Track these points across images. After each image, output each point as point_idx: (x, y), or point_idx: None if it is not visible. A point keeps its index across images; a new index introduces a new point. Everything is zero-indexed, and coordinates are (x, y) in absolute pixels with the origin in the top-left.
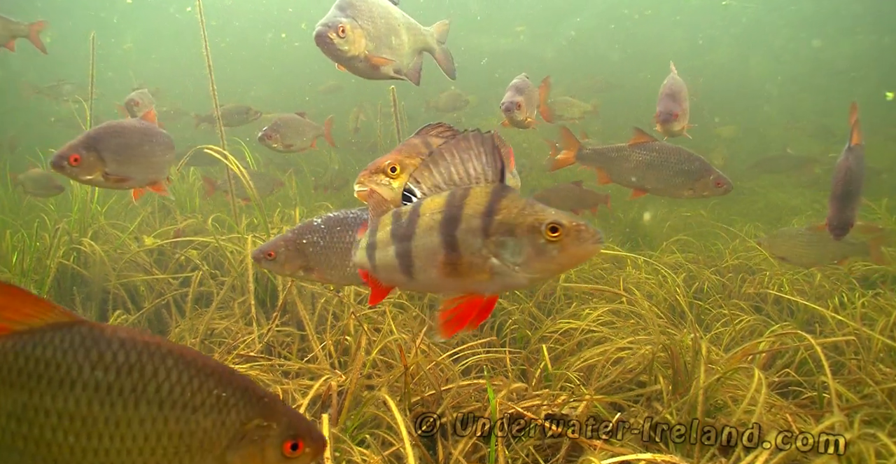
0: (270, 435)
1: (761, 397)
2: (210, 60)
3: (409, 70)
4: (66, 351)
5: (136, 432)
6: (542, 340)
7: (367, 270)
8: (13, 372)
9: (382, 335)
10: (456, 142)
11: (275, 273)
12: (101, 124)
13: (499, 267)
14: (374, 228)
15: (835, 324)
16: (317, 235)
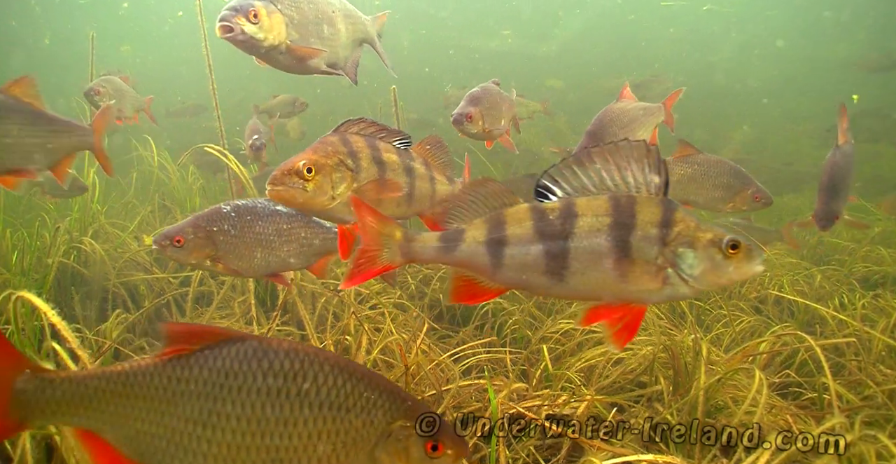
0: (414, 435)
1: (762, 397)
2: (210, 60)
3: (347, 65)
4: (241, 362)
5: (300, 431)
6: (542, 341)
7: (475, 267)
8: (199, 383)
9: (383, 335)
10: (613, 148)
11: (178, 262)
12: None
13: (673, 277)
14: (497, 222)
15: (835, 325)
16: (227, 224)
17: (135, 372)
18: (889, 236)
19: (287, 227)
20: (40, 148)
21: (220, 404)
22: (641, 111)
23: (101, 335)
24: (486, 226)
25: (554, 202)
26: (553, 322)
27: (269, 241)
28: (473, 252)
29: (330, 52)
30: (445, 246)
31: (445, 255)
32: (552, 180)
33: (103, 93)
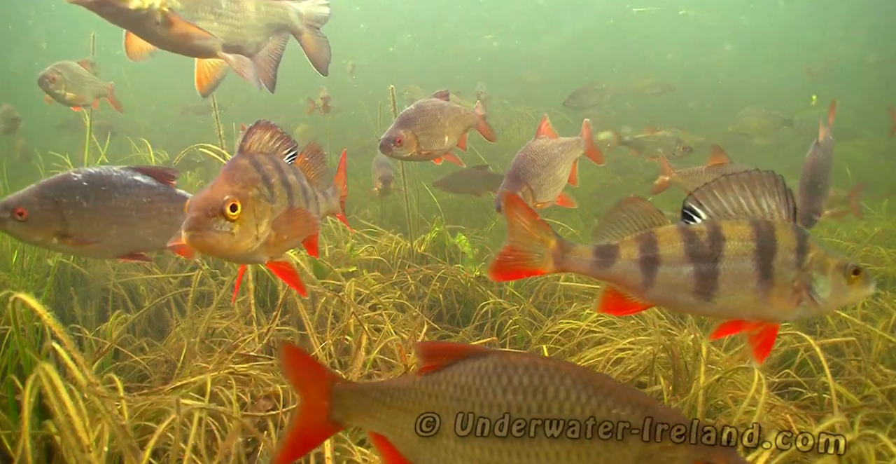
0: (678, 457)
1: (761, 397)
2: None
3: (259, 56)
4: (482, 378)
5: (540, 451)
6: (542, 341)
7: (626, 283)
8: (445, 399)
9: (383, 335)
10: (748, 176)
11: (22, 239)
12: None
13: (806, 299)
14: (650, 241)
15: (835, 325)
16: (79, 194)
17: (398, 388)
18: (889, 236)
19: (147, 201)
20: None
21: (465, 421)
22: (560, 148)
23: (101, 335)
24: (638, 244)
25: (700, 225)
26: (553, 322)
27: (126, 216)
28: (627, 269)
29: (228, 33)
30: (600, 261)
31: (600, 269)
32: (697, 203)
33: (58, 80)
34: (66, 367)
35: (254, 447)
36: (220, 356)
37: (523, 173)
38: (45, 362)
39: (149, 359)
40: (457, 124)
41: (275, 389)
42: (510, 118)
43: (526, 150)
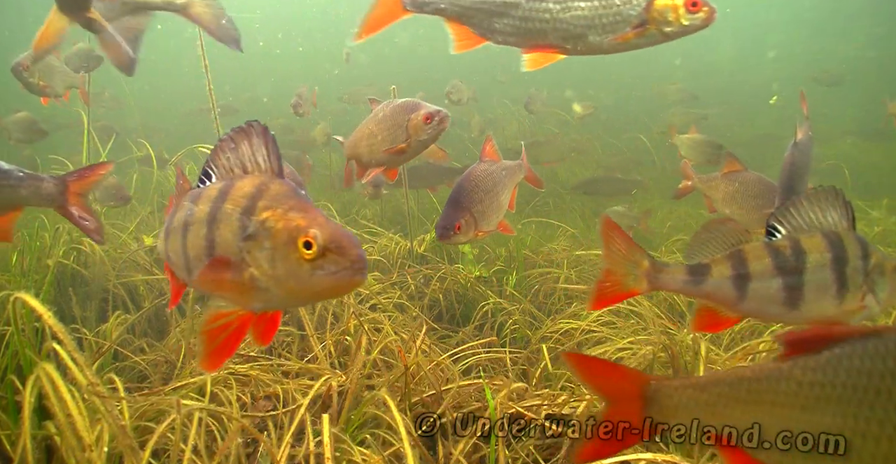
0: None
1: None
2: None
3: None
4: (884, 360)
5: None
6: (542, 340)
7: (719, 299)
8: (837, 387)
9: (383, 335)
10: (815, 193)
11: None
12: None
13: (870, 300)
14: (740, 259)
15: None
16: None
17: (759, 378)
18: (889, 236)
19: None
20: None
21: (869, 410)
22: (504, 172)
23: (101, 336)
24: (729, 262)
25: (782, 240)
26: (553, 322)
27: None
28: (720, 286)
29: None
30: (693, 279)
31: (693, 287)
32: (778, 221)
33: (31, 69)
34: (67, 367)
35: (254, 448)
36: None
37: (467, 200)
38: (45, 362)
39: (149, 359)
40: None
41: (275, 389)
42: (509, 118)
43: (469, 174)
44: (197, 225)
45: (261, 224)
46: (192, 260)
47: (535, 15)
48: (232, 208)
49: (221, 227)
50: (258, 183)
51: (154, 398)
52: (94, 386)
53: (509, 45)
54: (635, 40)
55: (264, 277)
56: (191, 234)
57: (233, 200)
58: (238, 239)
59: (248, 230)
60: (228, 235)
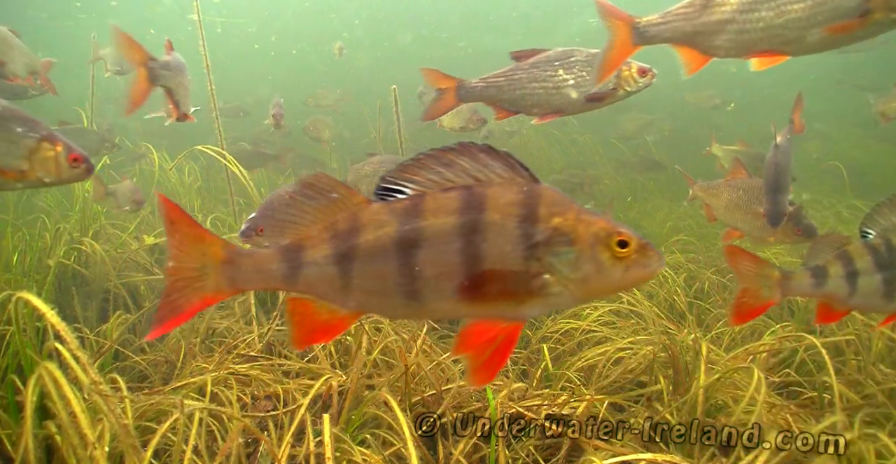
0: None
1: (761, 396)
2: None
3: None
4: None
5: None
6: (542, 340)
7: (834, 296)
8: None
9: (383, 335)
10: (893, 196)
11: None
12: None
13: None
14: (848, 259)
15: (835, 324)
16: None
17: None
18: None
19: None
20: None
21: None
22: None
23: (102, 336)
24: (840, 262)
25: (875, 239)
26: (553, 322)
27: None
28: (836, 284)
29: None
30: (816, 281)
31: (817, 289)
32: (868, 225)
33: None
34: (69, 366)
35: (254, 448)
36: (221, 356)
37: (272, 209)
38: (47, 362)
39: (149, 359)
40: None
41: (275, 389)
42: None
43: (273, 198)
44: (438, 240)
45: (554, 230)
46: (426, 280)
47: (749, 26)
48: (502, 218)
49: (490, 238)
50: (520, 190)
51: (157, 398)
52: (97, 385)
53: (731, 57)
54: (859, 31)
55: (562, 280)
56: (424, 251)
57: (498, 210)
58: (521, 248)
59: (536, 237)
60: (506, 245)
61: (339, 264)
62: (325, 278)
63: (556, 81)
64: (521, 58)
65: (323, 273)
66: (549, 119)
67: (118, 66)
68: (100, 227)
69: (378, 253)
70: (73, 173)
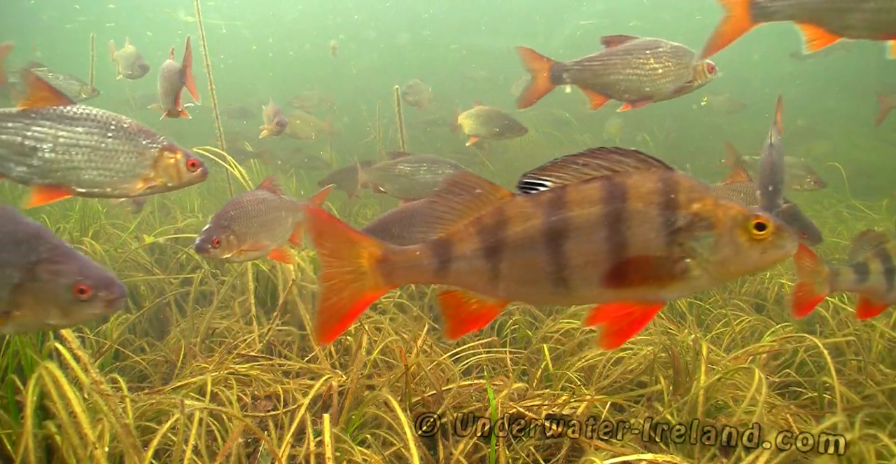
0: None
1: (762, 397)
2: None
3: None
4: None
5: None
6: (543, 340)
7: (876, 293)
8: None
9: (383, 335)
10: None
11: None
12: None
13: None
14: (885, 255)
15: (835, 324)
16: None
17: None
18: None
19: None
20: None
21: None
22: (280, 205)
23: (102, 336)
24: (878, 259)
25: None
26: (553, 322)
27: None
28: (878, 281)
29: None
30: (859, 277)
31: (859, 284)
32: None
33: None
34: (69, 366)
35: (254, 448)
36: (221, 356)
37: (228, 219)
38: (47, 361)
39: (149, 359)
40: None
41: (275, 389)
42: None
43: (240, 198)
44: (584, 229)
45: (694, 215)
46: (574, 268)
47: (890, 4)
48: (645, 206)
49: (634, 225)
50: (658, 179)
51: (157, 397)
52: (98, 385)
53: (863, 38)
54: None
55: (702, 264)
56: (571, 241)
57: (640, 198)
58: (664, 234)
59: (678, 223)
60: (649, 232)
61: (488, 257)
62: (474, 271)
63: (646, 69)
64: (612, 43)
65: (472, 266)
66: (639, 106)
67: (129, 70)
68: (100, 226)
69: (526, 244)
70: (192, 176)
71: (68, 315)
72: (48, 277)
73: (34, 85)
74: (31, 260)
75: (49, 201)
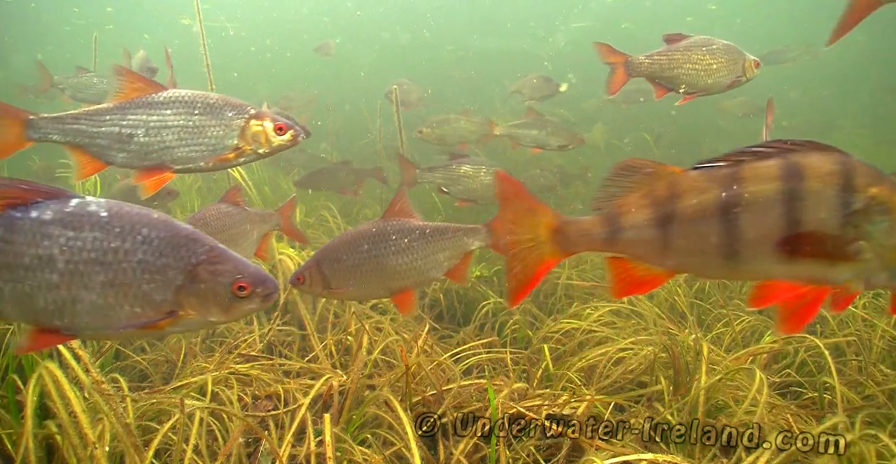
0: None
1: (762, 397)
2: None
3: None
4: None
5: None
6: (543, 341)
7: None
8: None
9: (384, 335)
10: None
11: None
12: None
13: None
14: None
15: (836, 324)
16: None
17: None
18: None
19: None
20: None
21: None
22: (246, 217)
23: None
24: None
25: None
26: (554, 322)
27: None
28: None
29: None
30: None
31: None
32: None
33: None
34: (69, 366)
35: (254, 448)
36: (221, 356)
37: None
38: (47, 361)
39: (149, 359)
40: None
41: (276, 389)
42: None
43: (203, 213)
44: (759, 204)
45: (871, 199)
46: (747, 241)
47: None
48: (822, 186)
49: (811, 204)
50: (837, 161)
51: (158, 397)
52: (99, 384)
53: None
54: None
55: (875, 247)
56: (746, 215)
57: (819, 179)
58: (839, 215)
59: (855, 205)
60: (825, 211)
61: (659, 227)
62: (644, 240)
63: (704, 64)
64: (672, 41)
65: (643, 235)
66: (691, 98)
67: (140, 73)
68: None
69: (700, 216)
70: (282, 141)
71: (228, 312)
72: (209, 278)
73: (127, 77)
74: (191, 262)
75: (153, 182)
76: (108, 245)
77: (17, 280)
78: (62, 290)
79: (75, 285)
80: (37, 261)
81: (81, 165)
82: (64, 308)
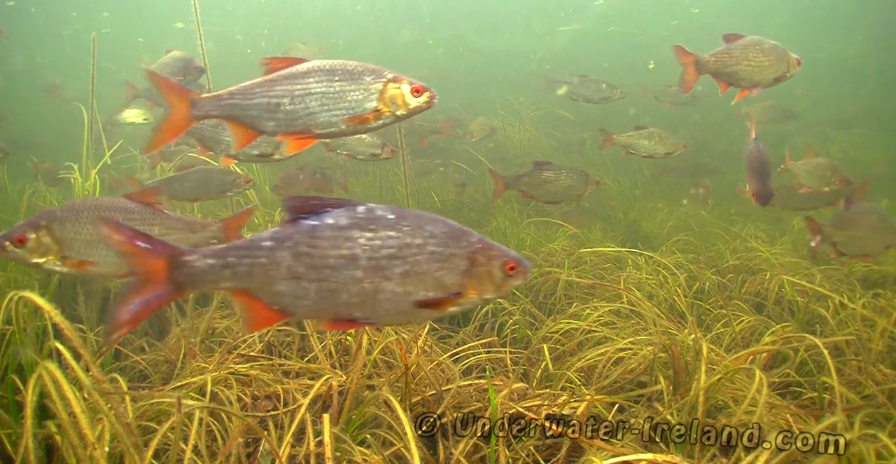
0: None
1: (762, 397)
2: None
3: None
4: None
5: None
6: (543, 341)
7: None
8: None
9: (383, 335)
10: None
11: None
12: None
13: None
14: None
15: (835, 324)
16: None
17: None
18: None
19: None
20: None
21: None
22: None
23: (102, 335)
24: None
25: None
26: (554, 322)
27: None
28: None
29: None
30: None
31: None
32: None
33: None
34: (69, 366)
35: (254, 448)
36: (221, 356)
37: (48, 218)
38: (47, 361)
39: (149, 359)
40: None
41: (275, 389)
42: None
43: (83, 202)
44: None
45: None
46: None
47: None
48: None
49: None
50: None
51: (158, 396)
52: (100, 383)
53: None
54: None
55: None
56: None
57: None
58: None
59: None
60: None
61: None
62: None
63: (758, 62)
64: (730, 39)
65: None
66: (747, 94)
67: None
68: None
69: None
70: (419, 102)
71: (500, 289)
72: (486, 261)
73: (274, 59)
74: (471, 250)
75: (298, 147)
76: (403, 241)
77: (322, 279)
78: (366, 283)
79: (378, 278)
80: (342, 261)
81: (238, 135)
82: (366, 299)
